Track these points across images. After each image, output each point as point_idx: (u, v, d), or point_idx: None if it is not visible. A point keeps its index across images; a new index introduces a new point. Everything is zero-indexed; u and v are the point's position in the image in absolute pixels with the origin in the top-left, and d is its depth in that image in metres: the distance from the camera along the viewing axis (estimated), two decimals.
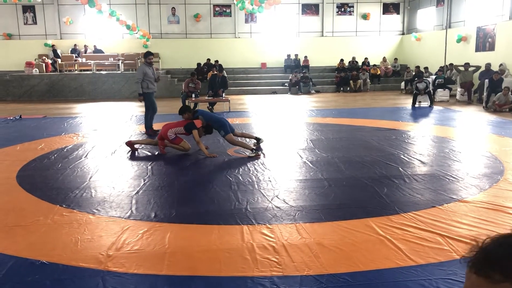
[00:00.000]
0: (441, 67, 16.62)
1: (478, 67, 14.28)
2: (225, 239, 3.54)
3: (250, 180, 5.28)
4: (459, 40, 16.84)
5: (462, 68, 14.53)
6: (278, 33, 20.93)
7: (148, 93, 8.75)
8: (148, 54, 8.73)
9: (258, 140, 7.35)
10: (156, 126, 9.78)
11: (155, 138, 7.39)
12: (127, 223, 3.92)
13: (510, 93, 11.84)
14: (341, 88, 18.76)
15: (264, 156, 6.62)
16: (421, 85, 12.96)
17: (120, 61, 18.27)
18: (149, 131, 8.71)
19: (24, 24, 20.14)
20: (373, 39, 21.34)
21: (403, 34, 21.70)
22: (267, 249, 3.35)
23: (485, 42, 15.72)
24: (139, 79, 8.55)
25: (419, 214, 4.05)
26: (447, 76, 15.53)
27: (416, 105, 13.01)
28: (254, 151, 6.70)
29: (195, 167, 6.02)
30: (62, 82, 16.97)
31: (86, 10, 19.37)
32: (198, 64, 18.81)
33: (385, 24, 21.63)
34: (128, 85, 17.30)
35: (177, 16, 20.64)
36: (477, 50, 16.07)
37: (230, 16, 20.88)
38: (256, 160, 6.35)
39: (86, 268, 3.09)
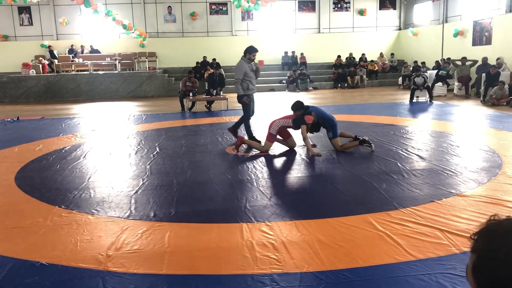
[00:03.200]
0: (437, 61, 16.66)
1: (475, 61, 14.29)
2: (224, 237, 3.54)
3: (249, 178, 5.27)
4: (456, 35, 16.84)
5: (459, 63, 14.54)
6: (274, 31, 20.91)
7: (247, 95, 7.48)
8: (252, 50, 7.29)
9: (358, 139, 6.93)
10: (152, 125, 9.77)
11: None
12: (126, 223, 3.92)
13: (505, 86, 11.86)
14: (339, 85, 18.75)
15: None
16: (419, 80, 12.95)
17: (117, 61, 18.24)
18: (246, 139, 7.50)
19: (20, 25, 20.08)
20: (370, 35, 21.33)
21: (400, 29, 21.69)
22: (267, 247, 3.35)
23: (482, 36, 15.72)
24: (238, 79, 7.31)
25: (418, 209, 4.06)
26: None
27: (414, 100, 13.02)
28: (367, 143, 6.58)
29: (193, 166, 6.02)
30: (59, 83, 16.94)
31: (82, 10, 19.32)
32: (197, 63, 18.80)
33: (381, 19, 21.61)
34: (126, 84, 17.29)
35: (174, 15, 20.60)
36: (474, 44, 16.08)
37: (227, 14, 20.85)
38: (254, 158, 6.35)
39: (86, 268, 3.09)
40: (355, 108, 11.94)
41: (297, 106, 6.65)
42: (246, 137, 7.45)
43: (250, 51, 7.28)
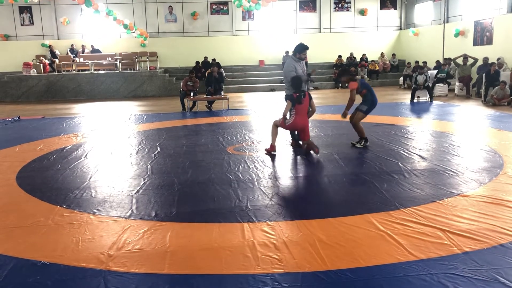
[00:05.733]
0: (437, 61, 16.65)
1: (475, 60, 14.27)
2: (226, 237, 3.55)
3: (250, 178, 5.28)
4: (457, 35, 16.84)
5: (460, 62, 14.52)
6: (275, 30, 20.92)
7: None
8: (302, 49, 6.75)
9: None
10: (152, 125, 9.77)
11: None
12: (127, 223, 3.92)
13: (507, 86, 11.85)
14: (340, 84, 18.74)
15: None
16: (421, 78, 12.97)
17: (118, 61, 18.25)
18: (292, 143, 7.13)
19: (21, 25, 20.10)
20: (371, 35, 21.34)
21: (400, 29, 21.68)
22: (268, 246, 3.35)
23: (482, 36, 15.72)
24: (288, 75, 6.73)
25: (419, 209, 4.06)
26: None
27: (415, 100, 13.02)
28: (363, 142, 6.87)
29: (194, 165, 6.02)
30: (60, 83, 16.95)
31: (83, 10, 19.34)
32: (197, 63, 18.80)
33: (382, 19, 21.61)
34: (126, 84, 17.30)
35: (174, 14, 20.61)
36: (475, 44, 16.07)
37: (228, 13, 20.85)
38: (255, 158, 6.35)
39: (87, 268, 3.09)
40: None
41: (344, 72, 7.20)
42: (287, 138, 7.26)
43: (300, 51, 6.76)
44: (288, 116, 6.40)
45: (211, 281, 2.90)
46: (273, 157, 6.40)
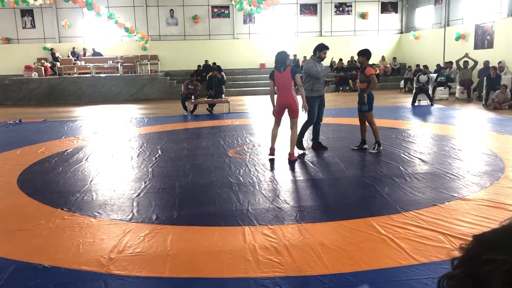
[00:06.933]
0: (437, 64, 16.65)
1: (476, 62, 14.26)
2: (227, 241, 3.54)
3: (251, 181, 5.27)
4: (457, 38, 16.85)
5: (462, 65, 14.51)
6: (276, 34, 20.94)
7: (312, 97, 6.89)
8: (322, 47, 6.84)
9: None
10: (153, 128, 9.78)
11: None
12: (128, 226, 3.92)
13: (508, 90, 11.85)
14: (340, 88, 18.77)
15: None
16: (424, 78, 13.01)
17: (119, 64, 18.28)
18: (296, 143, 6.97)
19: (23, 28, 20.14)
20: (371, 38, 21.33)
21: (401, 32, 21.70)
22: (269, 250, 3.34)
23: (483, 39, 15.72)
24: (308, 72, 6.83)
25: (420, 212, 4.05)
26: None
27: (416, 104, 13.02)
28: (376, 147, 6.72)
29: (195, 169, 6.02)
30: (61, 86, 16.98)
31: (84, 13, 19.37)
32: (198, 66, 18.82)
33: (383, 23, 21.63)
34: (128, 87, 17.32)
35: (176, 18, 20.64)
36: (475, 47, 16.07)
37: (229, 17, 20.89)
38: (256, 161, 6.35)
39: (88, 271, 3.09)
40: (356, 111, 11.90)
41: (366, 53, 6.67)
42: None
43: (321, 49, 6.84)
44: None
45: (212, 285, 2.89)
46: (274, 160, 6.40)
